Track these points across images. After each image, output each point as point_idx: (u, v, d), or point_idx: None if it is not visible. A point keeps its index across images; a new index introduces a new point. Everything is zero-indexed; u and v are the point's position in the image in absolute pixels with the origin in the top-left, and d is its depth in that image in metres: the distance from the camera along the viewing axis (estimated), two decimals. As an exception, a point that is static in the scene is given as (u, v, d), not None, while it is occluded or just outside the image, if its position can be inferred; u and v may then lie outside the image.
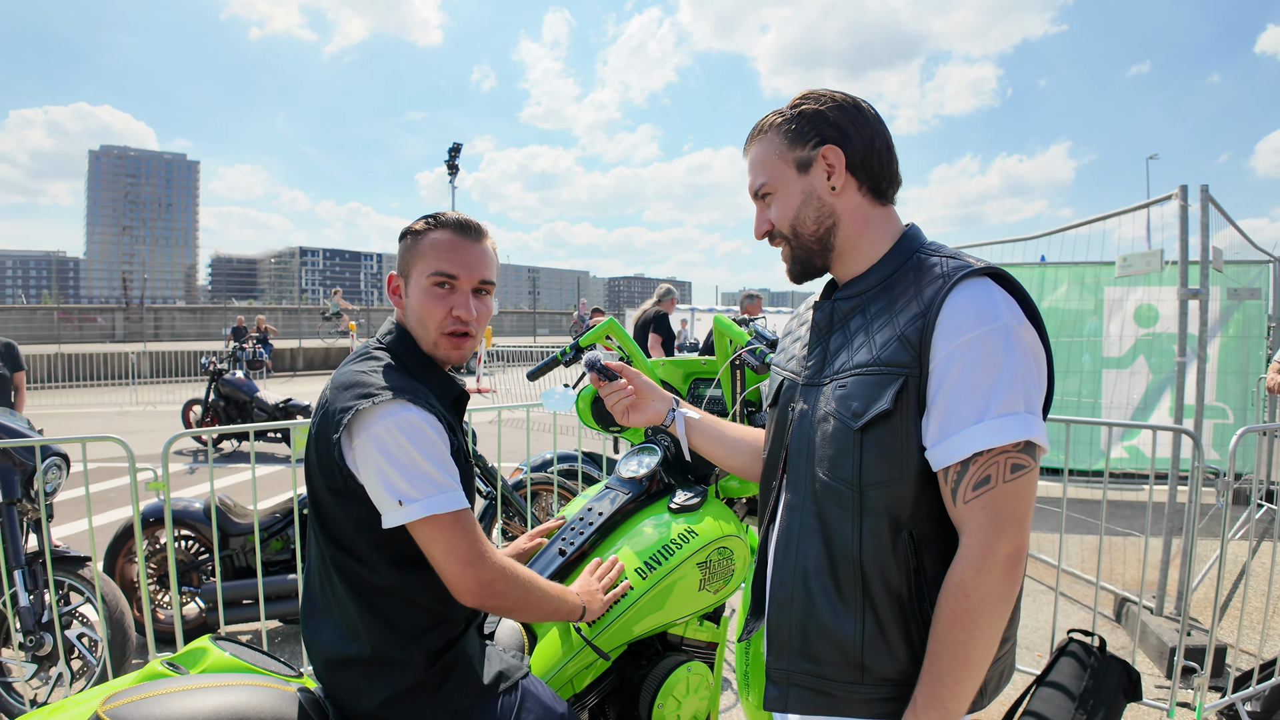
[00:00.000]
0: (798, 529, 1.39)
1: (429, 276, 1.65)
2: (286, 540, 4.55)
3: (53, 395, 17.64)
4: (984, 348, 1.22)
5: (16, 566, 3.57)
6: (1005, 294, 1.27)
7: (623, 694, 2.03)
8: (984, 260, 1.32)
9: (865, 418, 1.30)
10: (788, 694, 1.38)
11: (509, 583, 1.57)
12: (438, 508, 1.47)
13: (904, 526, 1.28)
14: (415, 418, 1.49)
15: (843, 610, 1.31)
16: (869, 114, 1.42)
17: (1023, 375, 1.23)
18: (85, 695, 1.58)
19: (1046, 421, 1.31)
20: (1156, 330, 7.50)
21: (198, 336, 32.57)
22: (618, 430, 2.47)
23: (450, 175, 30.39)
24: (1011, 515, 1.22)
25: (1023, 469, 1.22)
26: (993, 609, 1.21)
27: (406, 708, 1.57)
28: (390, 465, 1.46)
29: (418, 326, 1.68)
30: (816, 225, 1.43)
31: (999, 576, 1.21)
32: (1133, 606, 3.96)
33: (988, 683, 1.32)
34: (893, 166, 1.43)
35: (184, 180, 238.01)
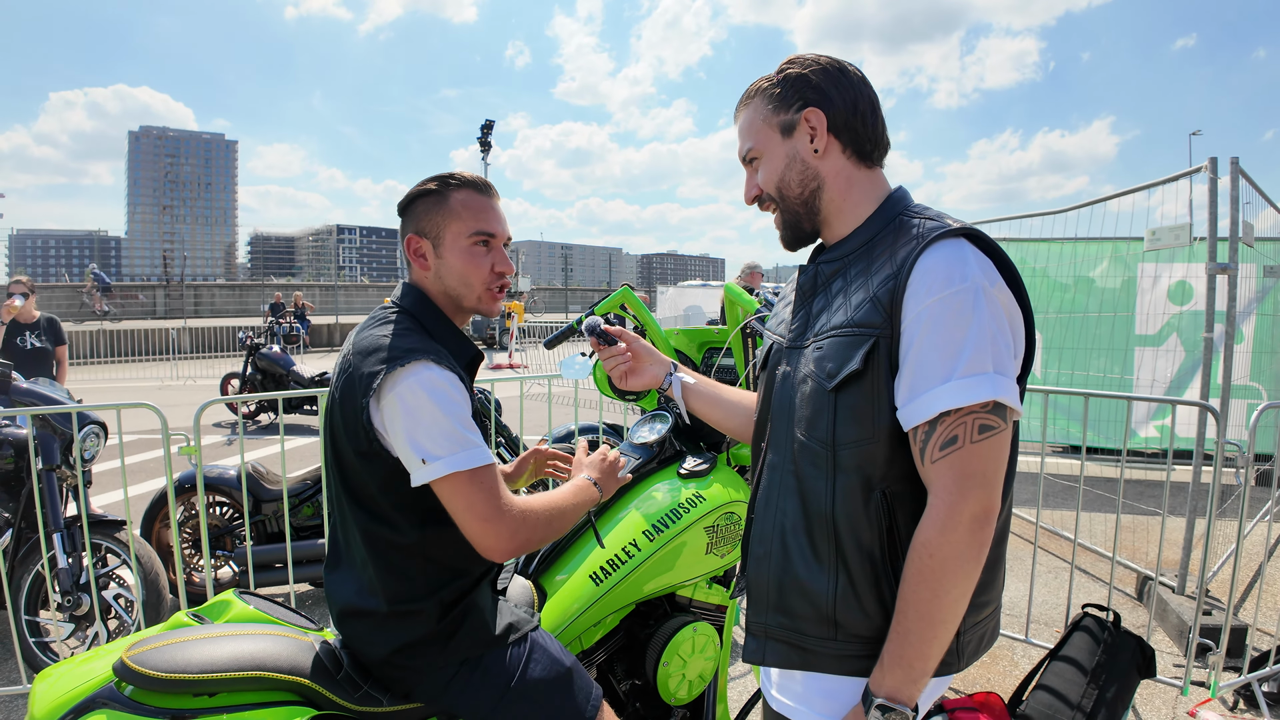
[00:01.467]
0: (777, 487, 1.42)
1: (471, 236, 1.70)
2: (316, 506, 4.67)
3: (96, 370, 18.07)
4: (952, 308, 1.22)
5: (55, 530, 3.69)
6: (979, 254, 1.26)
7: (630, 651, 2.09)
8: (961, 221, 1.31)
9: (838, 378, 1.31)
10: (765, 647, 1.41)
11: (531, 525, 1.59)
12: (459, 465, 1.50)
13: (876, 486, 1.29)
14: (438, 378, 1.53)
15: (816, 566, 1.34)
16: (853, 76, 1.42)
17: (992, 336, 1.22)
18: (113, 645, 1.65)
19: (1064, 394, 1.36)
20: (1190, 308, 7.38)
21: (236, 313, 33.04)
22: (633, 398, 2.52)
23: (483, 152, 30.47)
24: (978, 475, 1.21)
25: (991, 430, 1.22)
26: (957, 568, 1.21)
27: (418, 656, 1.63)
28: (415, 425, 1.50)
29: (460, 285, 1.71)
30: (801, 188, 1.44)
31: (964, 536, 1.20)
32: (1154, 585, 3.95)
33: (965, 646, 1.34)
34: (878, 129, 1.43)
35: (223, 160, 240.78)
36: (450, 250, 1.70)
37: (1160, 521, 3.81)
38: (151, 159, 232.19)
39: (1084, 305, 7.73)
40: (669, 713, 2.10)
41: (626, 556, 1.98)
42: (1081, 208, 6.27)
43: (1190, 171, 4.52)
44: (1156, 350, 7.48)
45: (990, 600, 1.38)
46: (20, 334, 6.34)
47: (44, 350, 6.38)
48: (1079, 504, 3.92)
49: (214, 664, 1.48)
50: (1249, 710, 3.44)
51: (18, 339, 6.30)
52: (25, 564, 3.75)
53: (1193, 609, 3.86)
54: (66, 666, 1.58)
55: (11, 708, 3.54)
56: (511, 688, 1.65)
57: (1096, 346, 7.47)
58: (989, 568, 1.32)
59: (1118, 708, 3.10)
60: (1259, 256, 6.51)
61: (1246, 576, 4.75)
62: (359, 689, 1.63)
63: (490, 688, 1.65)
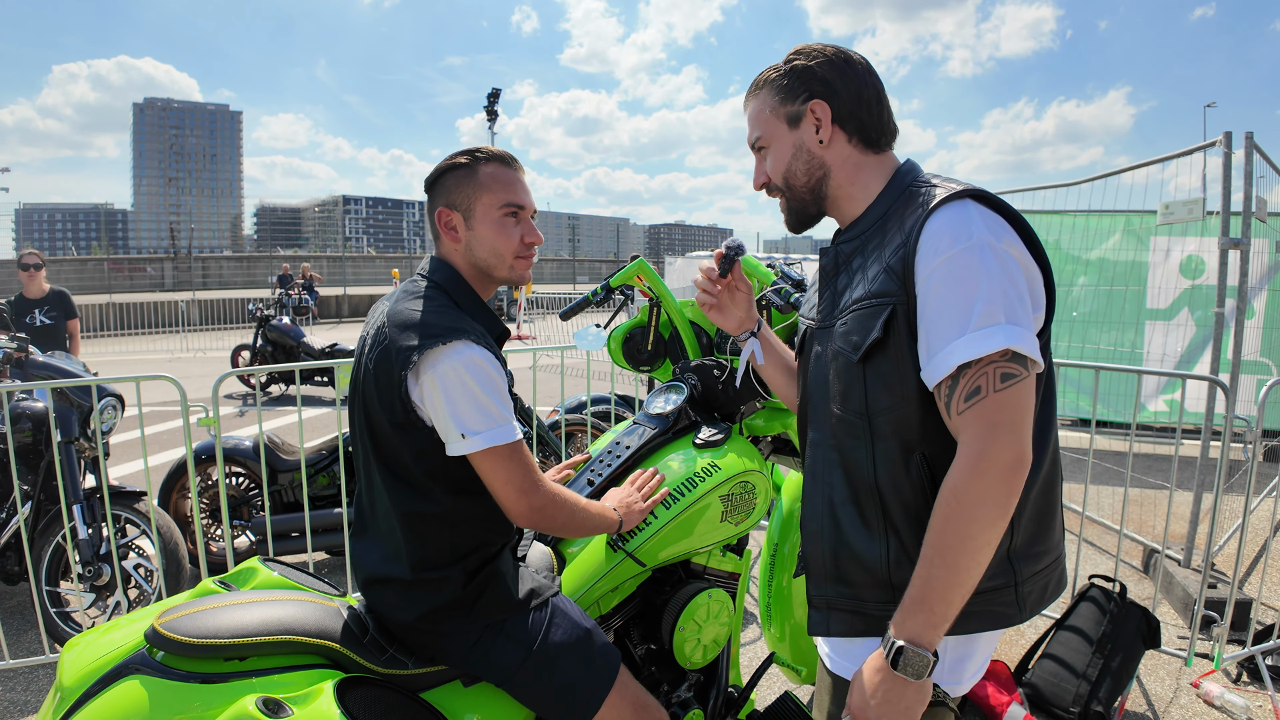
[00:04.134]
0: (821, 463, 1.47)
1: (501, 208, 1.74)
2: (332, 476, 4.73)
3: (105, 343, 18.16)
4: (960, 265, 1.26)
5: (75, 501, 3.74)
6: (986, 212, 1.30)
7: (646, 617, 2.13)
8: (966, 183, 1.35)
9: (863, 349, 1.36)
10: (829, 618, 1.46)
11: (558, 507, 1.70)
12: (497, 440, 1.58)
13: (915, 449, 1.34)
14: (478, 356, 1.58)
15: (867, 534, 1.39)
16: (859, 67, 1.47)
17: (1002, 288, 1.24)
18: (142, 613, 1.69)
19: (1074, 368, 1.37)
20: (1202, 282, 7.36)
21: (244, 284, 33.14)
22: (647, 369, 2.54)
23: (490, 121, 30.29)
24: (1007, 422, 1.23)
25: (1013, 378, 1.24)
26: (984, 514, 1.22)
27: (443, 621, 1.67)
28: (457, 401, 1.55)
29: (491, 257, 1.75)
30: (807, 177, 1.50)
31: (994, 481, 1.22)
32: (1160, 558, 3.98)
33: (1026, 596, 1.37)
34: (883, 117, 1.48)
35: (228, 131, 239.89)
36: (482, 222, 1.74)
37: (1168, 495, 3.83)
38: (156, 131, 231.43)
39: (1095, 278, 7.71)
40: (684, 676, 2.15)
41: (644, 524, 2.01)
42: (1095, 180, 6.24)
43: (1204, 145, 4.50)
44: (1167, 324, 7.47)
45: (1049, 550, 1.41)
46: (29, 311, 6.28)
47: (54, 327, 6.32)
48: (1087, 477, 3.94)
49: (244, 629, 1.52)
50: (1252, 683, 3.48)
51: (26, 317, 6.25)
52: (45, 535, 3.80)
53: (1198, 582, 3.89)
54: (93, 635, 1.62)
55: (32, 678, 3.60)
56: (534, 651, 1.69)
57: (1108, 320, 7.46)
58: (1043, 516, 1.38)
59: (1122, 677, 3.15)
60: (1272, 232, 6.48)
61: (1252, 551, 4.78)
62: (385, 652, 1.67)
63: (513, 651, 1.69)
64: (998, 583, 1.34)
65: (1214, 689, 3.32)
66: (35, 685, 3.54)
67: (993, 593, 1.34)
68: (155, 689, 1.43)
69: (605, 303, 2.49)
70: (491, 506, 1.69)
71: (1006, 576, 1.35)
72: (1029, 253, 1.31)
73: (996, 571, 1.33)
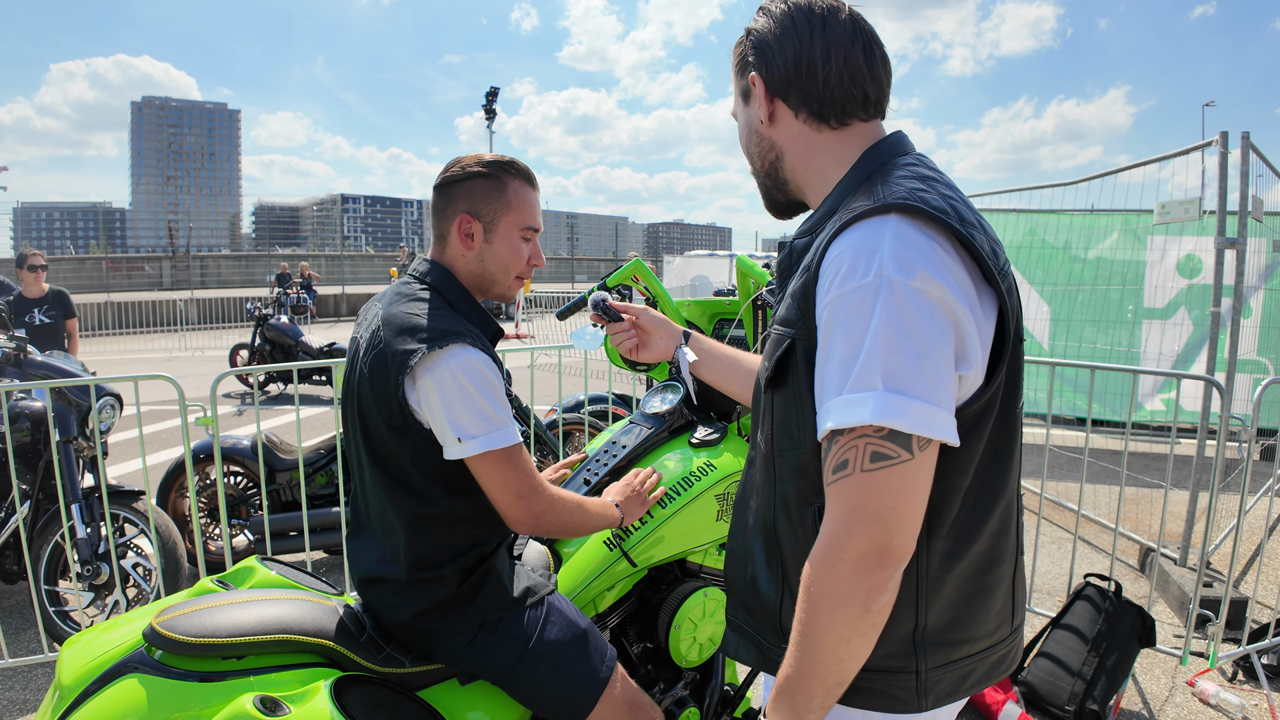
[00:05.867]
0: (747, 483, 1.35)
1: (522, 230, 1.77)
2: (330, 475, 4.74)
3: (104, 342, 18.15)
4: (849, 307, 1.03)
5: (74, 500, 3.74)
6: (908, 234, 1.03)
7: (642, 615, 2.15)
8: (912, 192, 1.08)
9: (764, 380, 1.22)
10: (739, 643, 1.35)
11: (557, 511, 1.70)
12: (494, 444, 1.58)
13: (811, 500, 1.16)
14: (475, 360, 1.58)
15: (767, 572, 1.26)
16: (807, 23, 1.21)
17: (890, 345, 1.00)
18: (141, 611, 1.70)
19: (1070, 367, 1.19)
20: (1199, 281, 7.37)
21: (242, 283, 33.12)
22: (644, 369, 2.55)
23: (488, 120, 30.26)
24: (868, 510, 1.01)
25: (887, 459, 1.00)
26: (834, 612, 1.04)
27: (439, 619, 1.69)
28: (453, 405, 1.56)
29: (499, 273, 1.78)
30: (761, 159, 1.32)
31: (845, 576, 1.02)
32: (1156, 556, 3.99)
33: (928, 685, 1.17)
34: (830, 84, 1.20)
35: (226, 129, 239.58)
36: (502, 239, 1.76)
37: (1163, 494, 3.84)
38: (154, 129, 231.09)
39: (1093, 277, 7.72)
40: (680, 675, 2.16)
41: (640, 523, 2.03)
42: (1093, 179, 6.26)
43: (1201, 145, 4.51)
44: (1164, 323, 7.49)
45: (975, 639, 1.20)
46: (28, 311, 6.26)
47: (53, 326, 6.32)
48: (1083, 476, 3.96)
49: (241, 628, 1.53)
50: (1247, 681, 3.49)
51: (25, 316, 6.22)
52: (44, 534, 3.81)
53: (1194, 581, 3.91)
54: (92, 634, 1.63)
55: (31, 677, 3.61)
56: (529, 648, 1.70)
57: (1104, 319, 7.48)
58: (971, 601, 1.18)
59: (1118, 675, 3.16)
60: (1269, 231, 6.49)
61: (1248, 550, 4.79)
62: (381, 651, 1.68)
63: (509, 649, 1.70)
64: (894, 664, 1.16)
65: (1209, 687, 3.34)
66: (34, 684, 3.55)
67: (886, 674, 1.16)
68: (153, 687, 1.44)
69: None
70: (489, 506, 1.70)
71: (905, 660, 1.16)
72: (975, 286, 1.06)
73: (894, 652, 1.15)
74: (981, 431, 1.09)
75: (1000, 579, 1.21)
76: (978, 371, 1.05)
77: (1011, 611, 1.26)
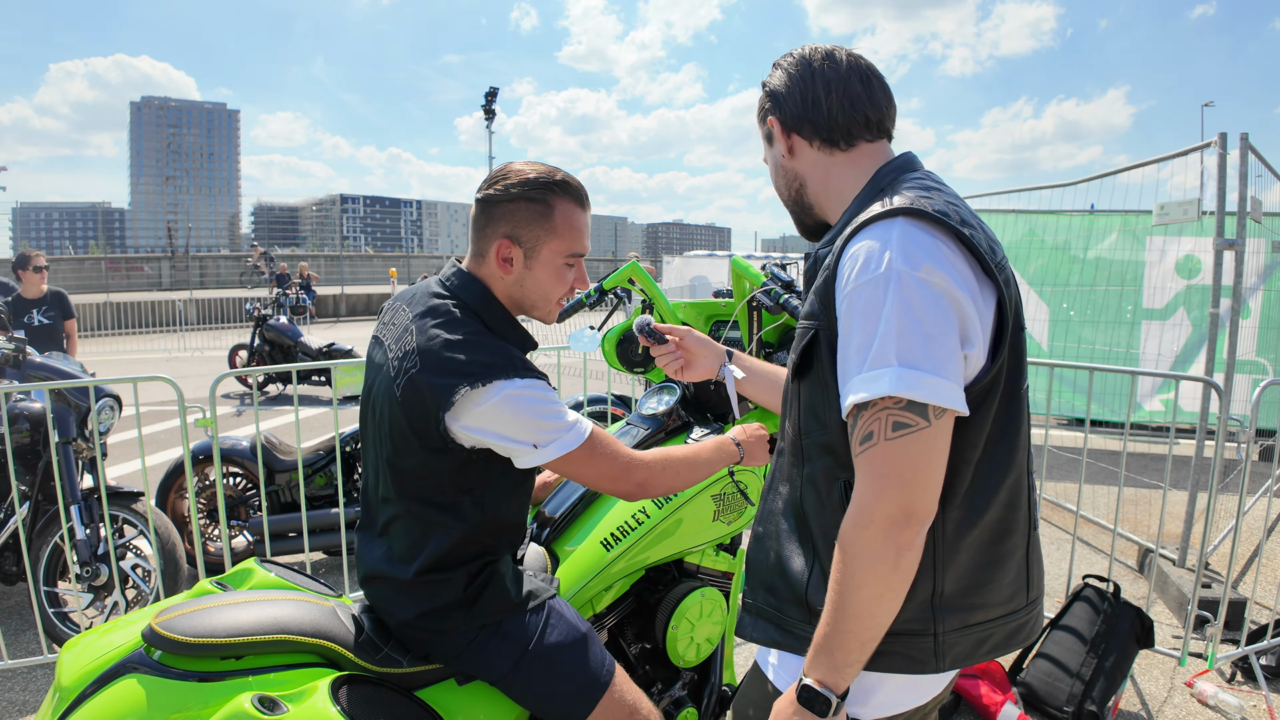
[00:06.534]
0: (776, 470, 1.47)
1: (567, 257, 1.71)
2: (329, 476, 4.74)
3: (103, 342, 18.15)
4: (864, 297, 1.18)
5: (73, 501, 3.74)
6: (912, 233, 1.19)
7: (640, 616, 2.15)
8: (916, 199, 1.24)
9: (792, 369, 1.37)
10: (755, 624, 1.43)
11: (659, 475, 1.73)
12: (568, 446, 1.60)
13: (839, 476, 1.29)
14: (519, 390, 1.56)
15: (797, 550, 1.36)
16: (809, 67, 1.41)
17: (902, 326, 1.14)
18: (140, 613, 1.70)
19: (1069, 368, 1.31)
20: (1198, 282, 7.38)
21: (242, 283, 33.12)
22: (641, 370, 2.55)
23: (487, 120, 30.28)
24: (893, 475, 1.16)
25: (906, 427, 1.15)
26: (868, 569, 1.17)
27: (441, 620, 1.69)
28: (511, 430, 1.57)
29: (540, 299, 1.74)
30: (788, 190, 1.50)
31: (876, 535, 1.16)
32: (1154, 557, 4.00)
33: (945, 646, 1.28)
34: (832, 111, 1.39)
35: (225, 129, 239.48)
36: (543, 266, 1.70)
37: (1162, 495, 3.85)
38: (154, 129, 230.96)
39: (1091, 278, 7.73)
40: (677, 675, 2.17)
41: (636, 524, 2.03)
42: (1092, 180, 6.27)
43: (1200, 146, 4.52)
44: (1163, 324, 7.50)
45: (990, 605, 1.32)
46: (27, 312, 6.26)
47: (52, 327, 6.33)
48: (1081, 476, 3.96)
49: (240, 628, 1.53)
50: (1246, 682, 3.49)
51: (24, 317, 6.22)
52: (43, 536, 3.81)
53: (1192, 581, 3.92)
54: (91, 636, 1.63)
55: (31, 678, 3.61)
56: (529, 651, 1.70)
57: (1103, 319, 7.49)
58: (986, 568, 1.29)
59: (1116, 676, 3.17)
60: (1267, 232, 6.50)
61: (1246, 551, 4.80)
62: (379, 651, 1.68)
63: (508, 651, 1.70)
64: (913, 628, 1.27)
65: (1208, 688, 3.34)
66: (34, 685, 3.55)
67: (907, 637, 1.27)
68: (153, 687, 1.44)
69: (599, 304, 2.50)
70: (511, 518, 1.72)
71: (924, 623, 1.27)
72: (975, 278, 1.21)
73: (914, 616, 1.26)
74: (989, 407, 1.23)
75: (1012, 550, 1.32)
76: (980, 351, 1.20)
77: (1027, 583, 1.36)
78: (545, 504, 2.21)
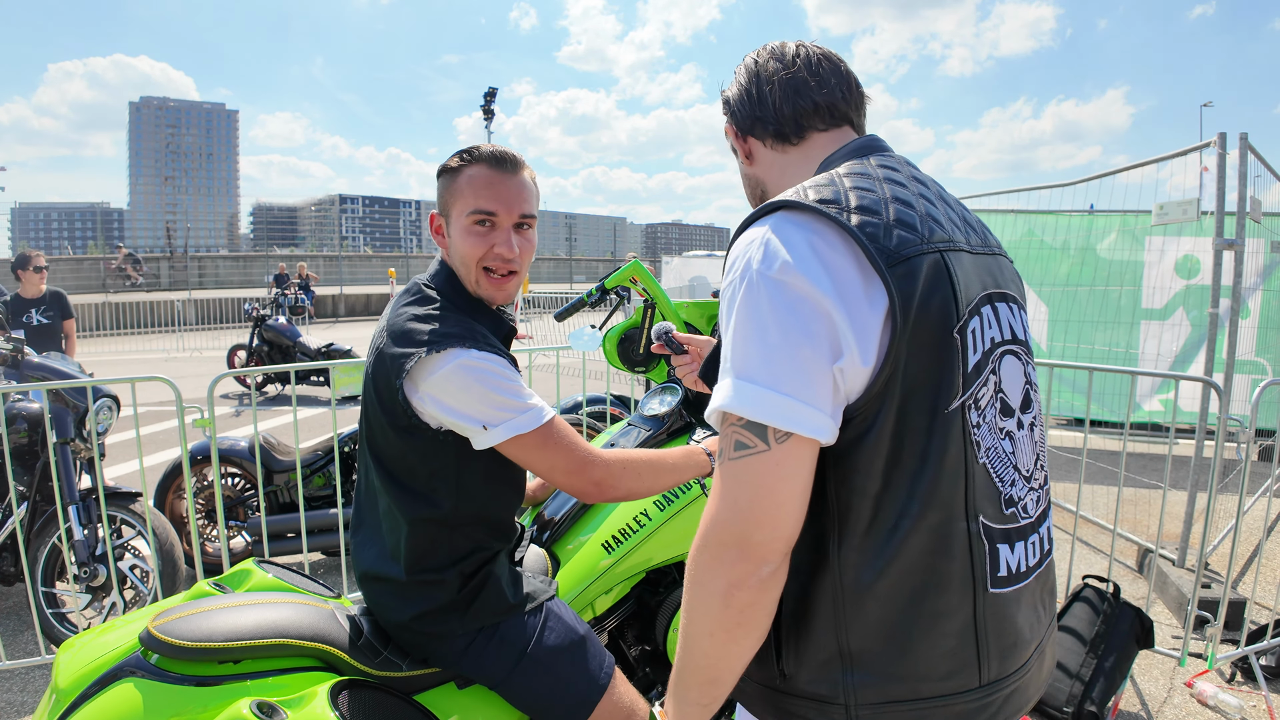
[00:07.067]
0: None
1: (469, 215, 1.66)
2: (328, 477, 4.73)
3: (101, 343, 18.14)
4: (725, 302, 1.07)
5: (71, 502, 3.73)
6: (785, 229, 1.04)
7: (640, 618, 2.14)
8: (805, 189, 1.09)
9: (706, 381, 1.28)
10: None
11: (618, 476, 1.64)
12: (521, 428, 1.55)
13: None
14: (474, 359, 1.54)
15: None
16: (755, 65, 1.31)
17: (744, 336, 1.01)
18: (137, 614, 1.70)
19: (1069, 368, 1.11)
20: (1197, 282, 7.38)
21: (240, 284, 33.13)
22: (642, 370, 2.55)
23: (486, 120, 30.26)
24: (729, 498, 1.00)
25: (746, 449, 0.99)
26: (697, 598, 1.03)
27: (438, 622, 1.67)
28: (463, 403, 1.54)
29: (460, 266, 1.70)
30: (752, 197, 1.37)
31: (707, 563, 1.02)
32: (1154, 557, 3.99)
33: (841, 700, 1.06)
34: (780, 105, 1.26)
35: (224, 129, 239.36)
36: (455, 228, 1.69)
37: (1162, 495, 3.85)
38: (152, 130, 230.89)
39: (1091, 278, 7.73)
40: (678, 679, 2.16)
41: (637, 525, 2.02)
42: (1091, 180, 6.27)
43: (1199, 146, 4.52)
44: (1162, 324, 7.50)
45: (906, 674, 1.05)
46: (25, 311, 6.27)
47: (50, 326, 6.34)
48: (1081, 476, 3.95)
49: (238, 632, 1.52)
50: (1246, 682, 3.49)
51: (23, 317, 6.25)
52: (41, 536, 3.80)
53: (1192, 581, 3.91)
54: (88, 637, 1.62)
55: (29, 679, 3.60)
56: (528, 654, 1.69)
57: (1102, 319, 7.49)
58: (904, 632, 1.04)
59: (1116, 676, 3.16)
60: (1266, 232, 6.49)
61: (1246, 551, 4.80)
62: (379, 654, 1.67)
63: (507, 654, 1.69)
64: (819, 691, 1.07)
65: (1208, 689, 3.34)
66: (31, 686, 3.54)
67: (813, 702, 1.08)
68: (150, 692, 1.43)
69: (600, 304, 2.50)
70: (493, 512, 1.70)
71: (831, 688, 1.06)
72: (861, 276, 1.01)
73: (817, 677, 1.07)
74: (878, 429, 1.01)
75: (946, 612, 1.05)
76: (859, 364, 0.99)
77: (977, 658, 1.07)
78: (545, 506, 2.20)
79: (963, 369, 1.04)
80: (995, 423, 1.10)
